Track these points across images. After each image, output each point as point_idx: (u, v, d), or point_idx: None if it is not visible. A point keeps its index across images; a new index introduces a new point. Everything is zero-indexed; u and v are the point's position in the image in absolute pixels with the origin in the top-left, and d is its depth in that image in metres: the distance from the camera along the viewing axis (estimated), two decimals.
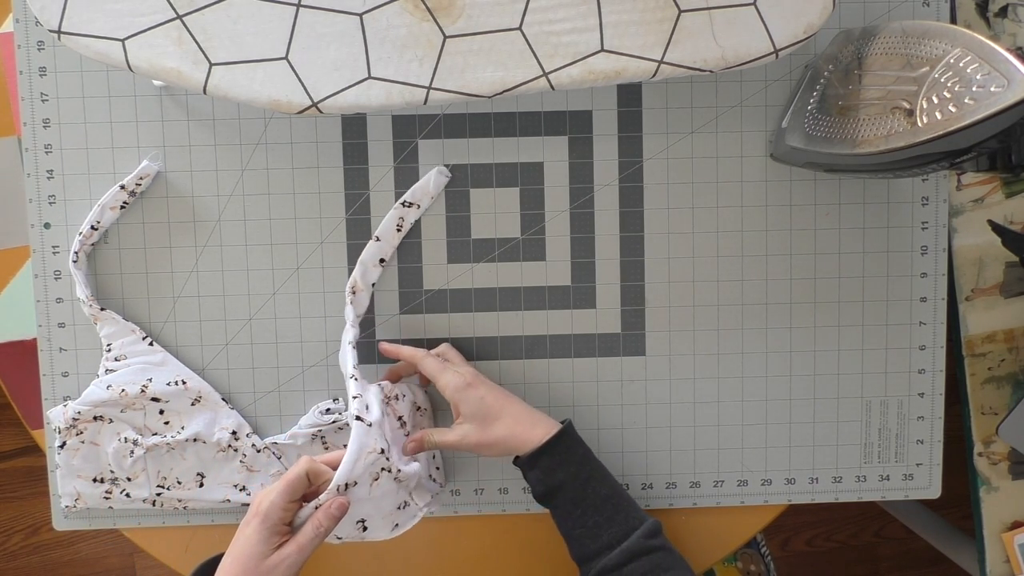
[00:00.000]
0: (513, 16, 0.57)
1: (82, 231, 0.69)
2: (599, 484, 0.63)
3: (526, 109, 0.71)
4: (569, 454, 0.63)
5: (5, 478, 1.39)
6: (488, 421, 0.64)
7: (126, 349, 0.70)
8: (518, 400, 0.66)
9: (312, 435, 0.71)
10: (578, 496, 0.62)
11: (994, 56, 0.49)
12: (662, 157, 0.71)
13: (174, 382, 0.69)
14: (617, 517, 0.62)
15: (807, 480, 0.74)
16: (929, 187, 0.72)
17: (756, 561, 0.97)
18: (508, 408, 0.65)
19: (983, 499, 0.77)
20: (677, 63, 0.57)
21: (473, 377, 0.65)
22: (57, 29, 0.56)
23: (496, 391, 0.65)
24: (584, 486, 0.62)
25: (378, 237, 0.70)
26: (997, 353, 0.76)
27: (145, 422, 0.69)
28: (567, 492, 0.62)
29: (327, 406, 0.71)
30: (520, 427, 0.64)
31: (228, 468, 0.71)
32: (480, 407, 0.64)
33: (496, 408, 0.64)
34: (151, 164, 0.69)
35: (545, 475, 0.63)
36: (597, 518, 0.62)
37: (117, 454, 0.69)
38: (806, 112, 0.64)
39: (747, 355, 0.73)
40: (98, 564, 1.40)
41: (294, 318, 0.71)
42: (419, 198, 0.70)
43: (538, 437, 0.63)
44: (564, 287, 0.72)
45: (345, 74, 0.57)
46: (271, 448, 0.71)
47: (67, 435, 0.69)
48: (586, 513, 0.62)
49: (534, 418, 0.64)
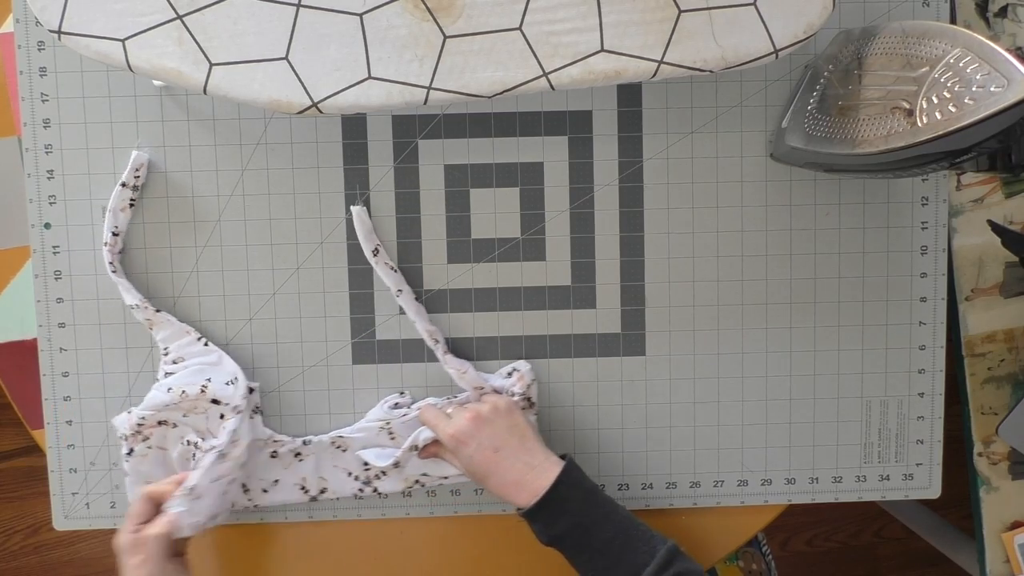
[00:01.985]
0: (513, 16, 0.57)
1: (106, 241, 0.69)
2: (602, 528, 0.61)
3: (526, 109, 0.71)
4: (567, 506, 0.62)
5: (5, 478, 1.39)
6: (478, 478, 0.65)
7: (183, 351, 0.70)
8: (513, 451, 0.64)
9: (379, 428, 0.71)
10: (582, 543, 0.61)
11: (994, 56, 0.49)
12: (662, 157, 0.71)
13: (231, 381, 0.69)
14: (625, 557, 0.60)
15: (807, 480, 0.74)
16: (929, 187, 0.72)
17: (757, 560, 0.97)
18: (495, 470, 0.64)
19: (983, 499, 0.77)
20: (677, 63, 0.57)
21: (465, 432, 0.65)
22: (57, 29, 0.56)
23: (485, 450, 0.64)
24: (586, 533, 0.61)
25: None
26: (997, 353, 0.76)
27: (208, 425, 0.69)
28: (570, 540, 0.62)
29: (395, 400, 0.71)
30: (506, 489, 0.63)
31: (294, 468, 0.71)
32: (469, 465, 0.65)
33: (483, 470, 0.64)
34: (141, 153, 0.69)
35: (545, 527, 0.62)
36: (604, 561, 0.61)
37: (181, 458, 0.69)
38: (806, 112, 0.64)
39: (747, 355, 0.73)
40: (98, 564, 1.40)
41: (294, 318, 0.71)
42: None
43: (525, 499, 0.62)
44: (564, 287, 0.72)
45: (345, 74, 0.57)
46: (336, 442, 0.71)
47: (134, 441, 0.69)
48: (593, 558, 0.61)
49: (523, 478, 0.63)
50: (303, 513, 0.73)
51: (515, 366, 0.72)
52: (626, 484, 0.73)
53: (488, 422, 0.65)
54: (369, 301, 0.72)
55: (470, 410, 0.66)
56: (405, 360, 0.72)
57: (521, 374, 0.71)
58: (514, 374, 0.71)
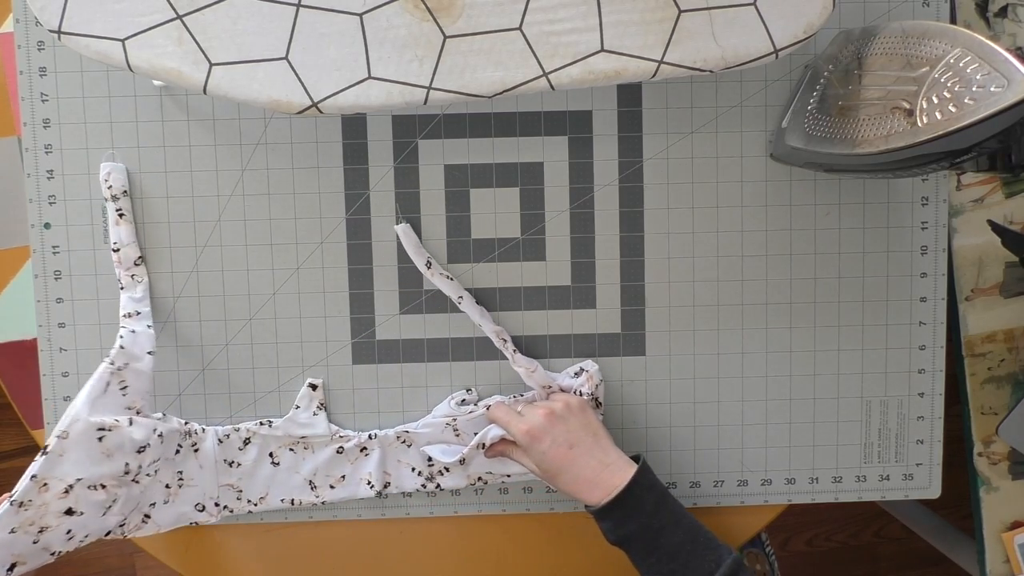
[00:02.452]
0: (513, 16, 0.57)
1: (118, 260, 0.69)
2: (672, 532, 0.61)
3: (526, 109, 0.71)
4: (639, 506, 0.62)
5: (5, 478, 1.39)
6: (550, 476, 0.65)
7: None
8: (587, 448, 0.64)
9: (445, 424, 0.71)
10: (650, 546, 0.61)
11: (994, 56, 0.49)
12: (662, 157, 0.71)
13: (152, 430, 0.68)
14: (692, 563, 0.60)
15: (807, 480, 0.74)
16: (929, 187, 0.72)
17: (760, 560, 0.97)
18: (569, 467, 0.64)
19: (983, 499, 0.77)
20: (677, 63, 0.57)
21: (540, 428, 0.65)
22: (57, 29, 0.56)
23: (559, 446, 0.64)
24: (656, 536, 0.61)
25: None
26: (997, 353, 0.76)
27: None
28: (638, 542, 0.61)
29: (462, 396, 0.72)
30: (578, 486, 0.63)
31: (360, 463, 0.72)
32: (542, 462, 0.65)
33: (556, 466, 0.64)
34: (105, 164, 0.69)
35: (615, 526, 0.62)
36: (672, 565, 0.60)
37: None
38: (806, 112, 0.64)
39: (747, 355, 0.73)
40: (98, 564, 1.40)
41: (294, 318, 0.72)
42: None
43: (598, 497, 0.62)
44: (564, 287, 0.72)
45: (345, 74, 0.57)
46: (401, 436, 0.71)
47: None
48: (660, 561, 0.61)
49: (597, 477, 0.63)
50: (303, 513, 0.73)
51: (583, 366, 0.72)
52: None
53: (562, 419, 0.65)
54: (369, 301, 0.72)
55: (543, 407, 0.66)
56: (405, 360, 0.72)
57: (590, 374, 0.71)
58: (583, 374, 0.71)
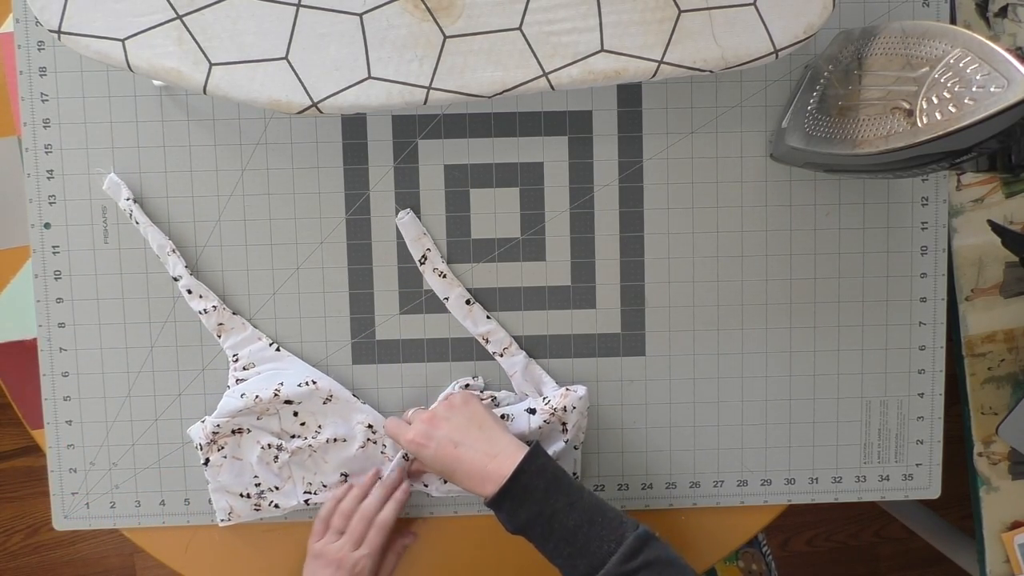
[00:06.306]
0: (513, 16, 0.57)
1: (170, 269, 0.70)
2: (566, 515, 0.60)
3: (526, 109, 0.71)
4: (528, 493, 0.61)
5: (5, 478, 1.39)
6: (447, 477, 0.65)
7: (254, 357, 0.70)
8: (472, 442, 0.63)
9: None
10: (547, 531, 0.60)
11: (994, 56, 0.49)
12: (662, 157, 0.71)
13: (304, 383, 0.69)
14: (590, 546, 0.59)
15: (807, 480, 0.74)
16: (929, 187, 0.72)
17: (758, 560, 0.97)
18: (457, 465, 0.63)
19: (983, 499, 0.77)
20: (677, 63, 0.57)
21: (423, 433, 0.64)
22: (57, 29, 0.56)
23: (444, 446, 0.63)
24: (550, 521, 0.60)
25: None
26: (997, 353, 0.76)
27: (282, 426, 0.70)
28: (535, 529, 0.61)
29: (466, 382, 0.72)
30: (472, 482, 0.62)
31: (371, 463, 0.71)
32: (433, 465, 0.65)
33: (447, 467, 0.63)
34: (101, 175, 0.70)
35: (509, 516, 0.61)
36: (570, 548, 0.60)
37: (261, 462, 0.70)
38: (806, 112, 0.64)
39: (747, 355, 0.73)
40: (98, 564, 1.40)
41: (294, 318, 0.72)
42: None
43: (491, 489, 0.61)
44: (564, 287, 0.72)
45: (345, 74, 0.57)
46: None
47: (209, 451, 0.70)
48: (558, 546, 0.60)
49: (485, 470, 0.62)
50: (303, 513, 0.73)
51: (570, 388, 0.70)
52: (626, 484, 0.73)
53: (445, 419, 0.65)
54: (369, 301, 0.72)
55: (428, 411, 0.67)
56: (405, 360, 0.72)
57: (563, 392, 0.69)
58: (560, 391, 0.70)
